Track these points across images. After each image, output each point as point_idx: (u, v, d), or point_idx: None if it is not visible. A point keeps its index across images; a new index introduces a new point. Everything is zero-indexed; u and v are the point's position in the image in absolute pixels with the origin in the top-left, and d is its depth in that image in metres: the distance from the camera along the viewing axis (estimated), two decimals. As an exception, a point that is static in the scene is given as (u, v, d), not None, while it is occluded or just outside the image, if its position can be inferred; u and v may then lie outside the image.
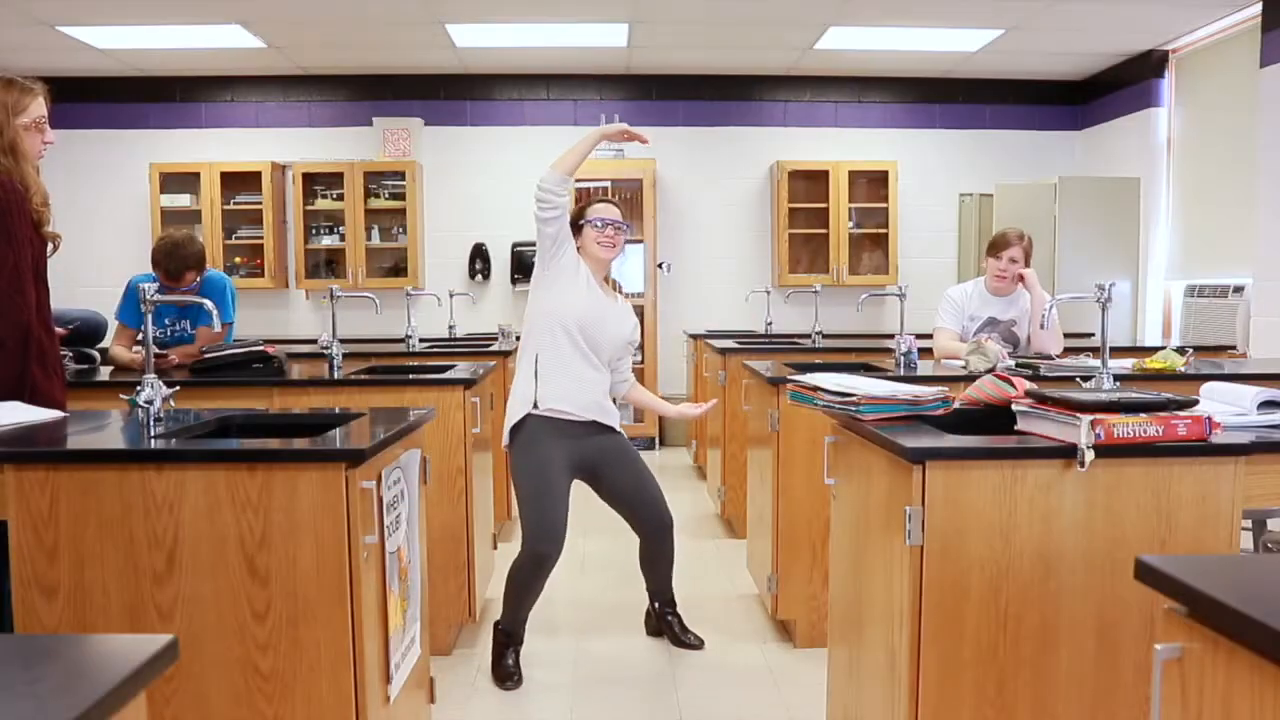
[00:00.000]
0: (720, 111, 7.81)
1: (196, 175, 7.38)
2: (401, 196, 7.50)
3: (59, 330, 3.72)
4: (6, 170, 2.51)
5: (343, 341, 3.84)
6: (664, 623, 3.54)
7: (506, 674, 3.22)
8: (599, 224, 3.26)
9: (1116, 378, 2.73)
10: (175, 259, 3.94)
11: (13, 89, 2.56)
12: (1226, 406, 2.32)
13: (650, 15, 6.22)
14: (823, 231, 7.65)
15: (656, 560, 3.45)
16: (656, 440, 7.56)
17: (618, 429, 3.33)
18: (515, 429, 3.19)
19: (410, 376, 3.68)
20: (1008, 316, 4.19)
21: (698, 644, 3.48)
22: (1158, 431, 1.98)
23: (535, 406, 3.16)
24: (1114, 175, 7.12)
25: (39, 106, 2.59)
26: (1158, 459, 1.99)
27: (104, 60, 7.04)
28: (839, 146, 7.79)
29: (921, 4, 5.96)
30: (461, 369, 3.77)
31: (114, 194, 7.59)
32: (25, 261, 2.51)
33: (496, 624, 3.33)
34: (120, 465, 2.03)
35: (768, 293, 6.70)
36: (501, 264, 7.77)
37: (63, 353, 3.76)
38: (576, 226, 3.28)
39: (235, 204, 7.46)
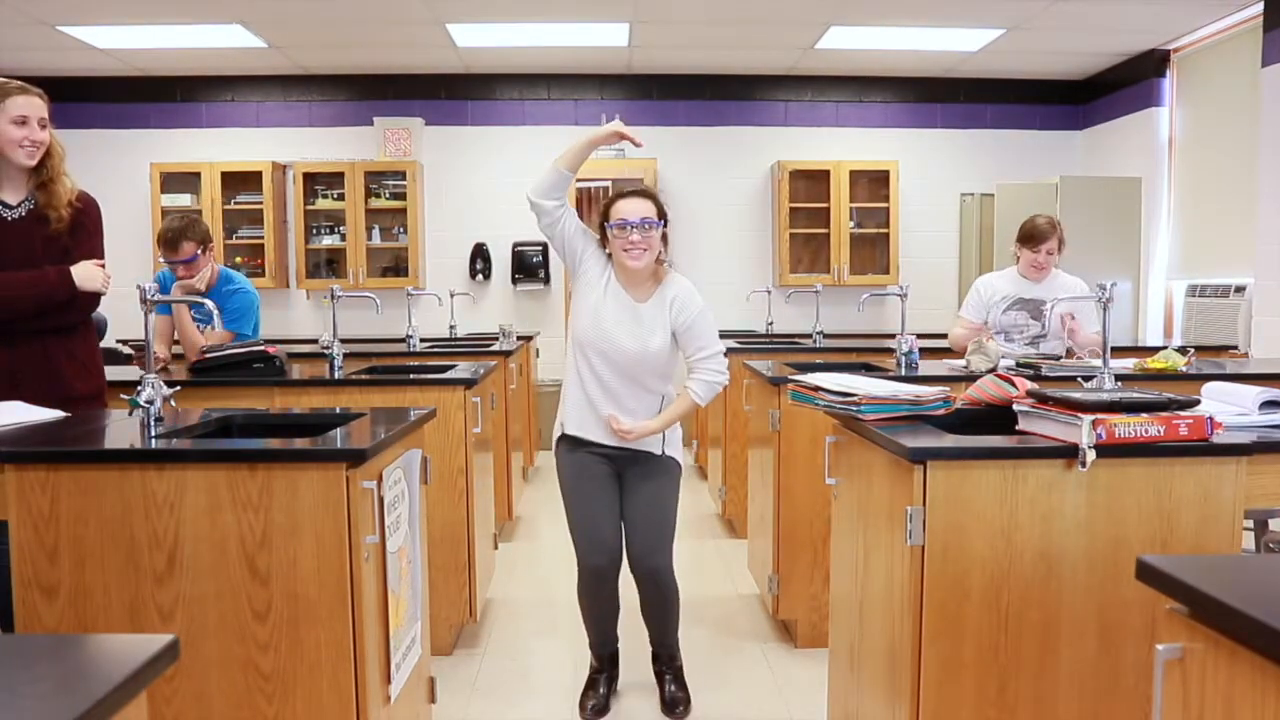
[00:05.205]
0: (721, 111, 7.81)
1: (197, 175, 7.38)
2: (402, 196, 7.50)
3: None
4: None
5: (343, 341, 3.84)
6: (656, 676, 3.09)
7: (585, 704, 2.99)
8: (616, 227, 2.80)
9: (1118, 378, 2.73)
10: (174, 229, 3.94)
11: None
12: (1228, 406, 2.32)
13: (651, 15, 6.21)
14: (824, 231, 7.65)
15: (644, 605, 2.97)
16: (657, 440, 7.55)
17: (661, 454, 2.93)
18: (558, 440, 2.99)
19: (411, 376, 3.68)
20: (1034, 295, 4.18)
21: (681, 714, 2.96)
22: (1159, 431, 1.98)
23: (563, 431, 2.95)
24: (1115, 175, 7.12)
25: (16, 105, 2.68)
26: (1159, 459, 1.99)
27: (104, 60, 7.04)
28: (840, 146, 7.78)
29: (922, 3, 5.96)
30: (462, 369, 3.77)
31: (115, 194, 7.52)
32: None
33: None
34: (121, 465, 2.03)
35: (768, 292, 6.69)
36: (502, 264, 7.76)
37: None
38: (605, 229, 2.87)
39: (236, 204, 7.46)
